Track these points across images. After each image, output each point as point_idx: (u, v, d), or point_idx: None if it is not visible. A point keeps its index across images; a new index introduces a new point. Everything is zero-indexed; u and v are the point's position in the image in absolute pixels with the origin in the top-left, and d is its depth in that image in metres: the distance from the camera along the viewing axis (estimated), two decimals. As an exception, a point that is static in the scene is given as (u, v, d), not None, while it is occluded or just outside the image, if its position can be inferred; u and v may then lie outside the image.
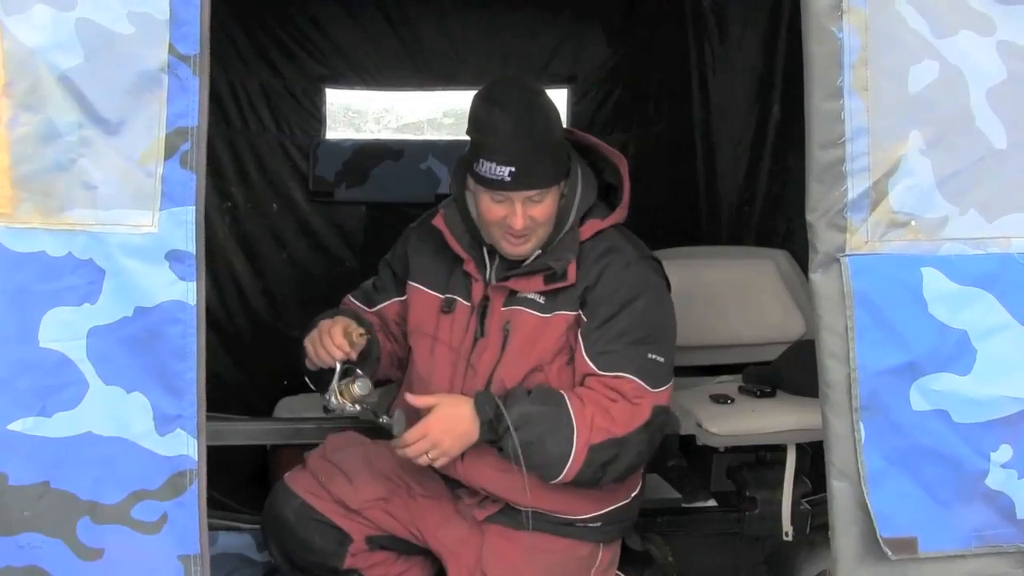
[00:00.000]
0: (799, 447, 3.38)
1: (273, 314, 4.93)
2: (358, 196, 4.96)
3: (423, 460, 2.51)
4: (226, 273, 4.77)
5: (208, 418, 2.02)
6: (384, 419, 2.55)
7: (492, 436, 2.51)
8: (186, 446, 1.96)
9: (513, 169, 2.49)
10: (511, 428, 2.48)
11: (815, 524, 3.38)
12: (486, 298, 2.69)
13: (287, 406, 4.06)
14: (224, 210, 4.77)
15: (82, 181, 1.93)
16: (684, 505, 3.48)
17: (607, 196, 2.78)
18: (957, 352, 2.13)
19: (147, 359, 1.94)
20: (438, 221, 2.74)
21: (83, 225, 1.93)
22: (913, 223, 2.08)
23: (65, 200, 1.93)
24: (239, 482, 3.61)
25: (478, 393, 2.57)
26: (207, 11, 1.94)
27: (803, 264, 4.05)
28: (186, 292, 1.94)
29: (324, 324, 2.59)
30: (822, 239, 2.08)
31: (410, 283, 2.84)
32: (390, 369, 2.87)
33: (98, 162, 1.94)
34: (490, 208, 2.57)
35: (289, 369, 4.58)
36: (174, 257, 1.94)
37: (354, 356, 2.57)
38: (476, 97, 2.62)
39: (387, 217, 4.95)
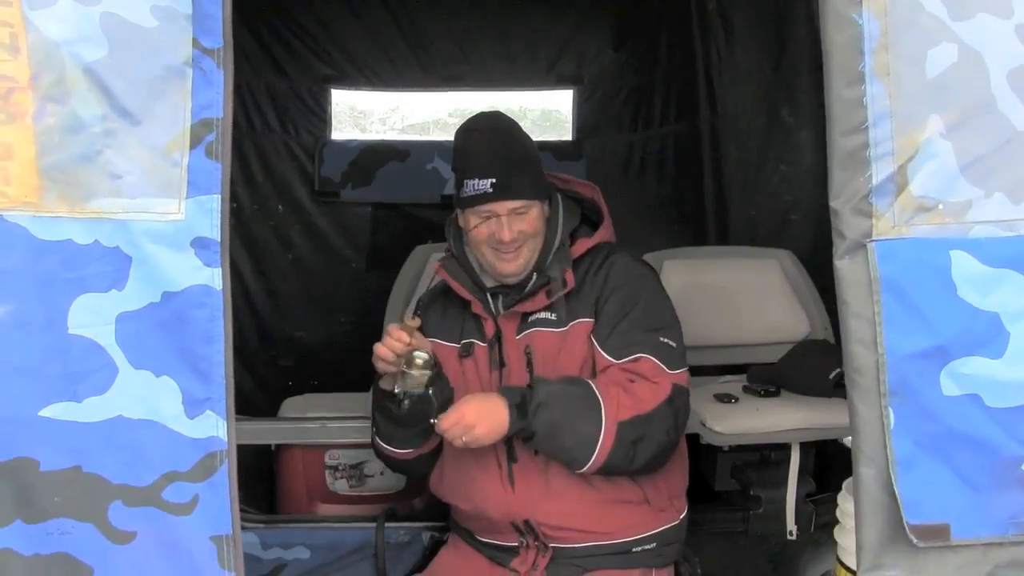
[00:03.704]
0: (803, 446, 3.40)
1: (278, 314, 4.94)
2: (364, 196, 4.98)
3: (458, 443, 2.57)
4: (231, 273, 4.74)
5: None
6: (435, 421, 2.61)
7: (522, 423, 2.55)
8: (216, 428, 1.98)
9: (494, 180, 2.63)
10: (540, 405, 2.54)
11: (819, 523, 3.40)
12: (498, 331, 2.76)
13: (292, 406, 4.07)
14: (229, 211, 4.76)
15: (108, 171, 1.94)
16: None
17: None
18: (988, 335, 2.07)
19: (175, 343, 1.96)
20: (438, 269, 2.86)
21: (109, 213, 1.94)
22: (940, 207, 2.05)
23: (91, 189, 1.93)
24: (244, 481, 3.61)
25: (502, 386, 2.65)
26: (229, 5, 1.97)
27: (807, 264, 4.12)
28: (212, 277, 1.98)
29: None
30: (848, 225, 2.05)
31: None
32: None
33: (123, 152, 1.95)
34: (479, 230, 2.69)
35: (294, 369, 4.64)
36: (199, 244, 1.97)
37: (415, 344, 2.59)
38: (455, 133, 2.78)
39: (393, 218, 4.98)
